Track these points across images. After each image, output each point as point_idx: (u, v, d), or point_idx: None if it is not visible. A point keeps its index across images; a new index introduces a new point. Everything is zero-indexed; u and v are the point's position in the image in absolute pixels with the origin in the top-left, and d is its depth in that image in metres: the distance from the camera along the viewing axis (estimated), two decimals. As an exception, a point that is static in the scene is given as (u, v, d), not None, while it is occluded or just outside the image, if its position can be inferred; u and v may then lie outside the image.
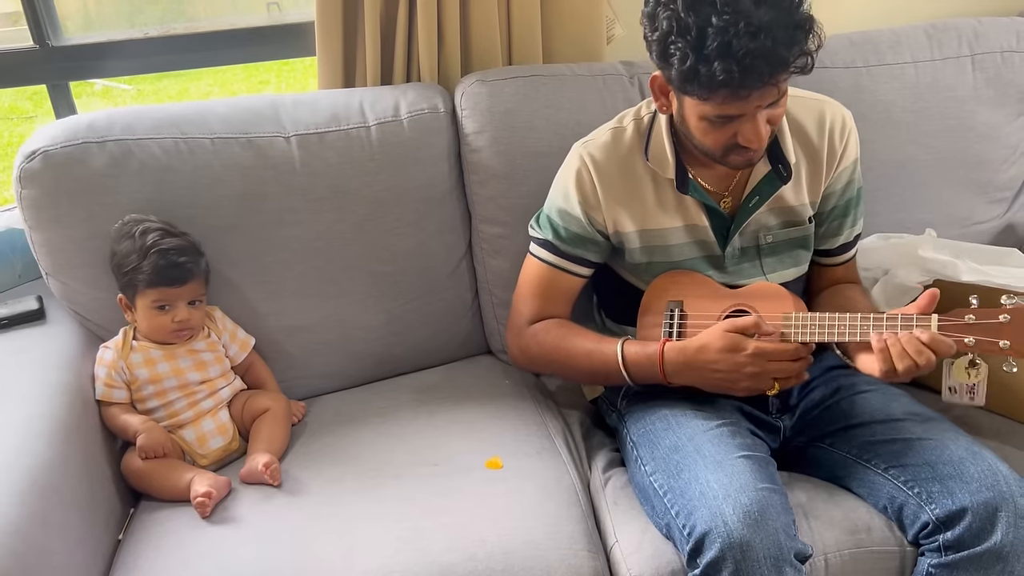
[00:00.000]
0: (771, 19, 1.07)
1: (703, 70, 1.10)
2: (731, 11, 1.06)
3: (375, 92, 1.61)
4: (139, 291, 1.34)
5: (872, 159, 1.67)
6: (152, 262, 1.32)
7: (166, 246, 1.34)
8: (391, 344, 1.62)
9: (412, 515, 1.22)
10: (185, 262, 1.35)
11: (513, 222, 1.58)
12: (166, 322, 1.35)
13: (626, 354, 1.31)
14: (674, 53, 1.12)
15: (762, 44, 1.07)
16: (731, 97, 1.13)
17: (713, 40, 1.07)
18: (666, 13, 1.11)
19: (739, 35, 1.06)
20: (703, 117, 1.19)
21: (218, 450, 1.38)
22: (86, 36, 1.75)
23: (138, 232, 1.34)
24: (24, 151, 1.40)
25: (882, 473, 1.23)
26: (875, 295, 1.48)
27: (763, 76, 1.10)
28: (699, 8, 1.08)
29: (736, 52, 1.07)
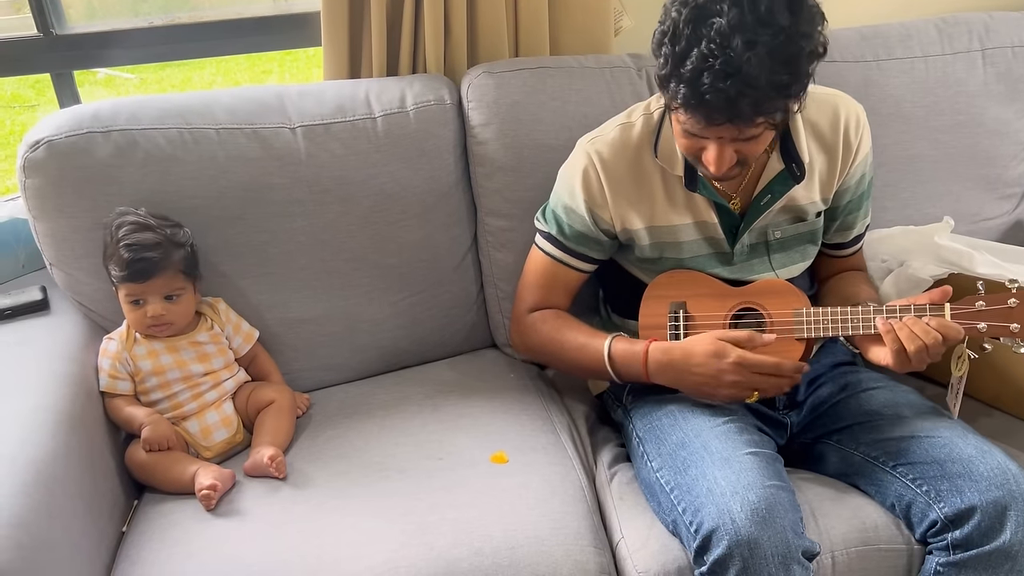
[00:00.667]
0: (754, 71, 1.05)
1: (673, 84, 1.11)
2: (718, 44, 1.05)
3: (381, 83, 1.60)
4: (115, 285, 1.34)
5: (881, 154, 1.67)
6: (119, 256, 1.31)
7: (132, 240, 1.31)
8: (396, 337, 1.61)
9: (417, 509, 1.22)
10: (152, 257, 1.31)
11: (519, 215, 1.57)
12: (140, 316, 1.34)
13: (613, 350, 1.32)
14: (661, 55, 1.13)
15: (728, 90, 1.06)
16: (691, 120, 1.14)
17: (690, 63, 1.07)
18: (673, 14, 1.10)
19: (712, 71, 1.06)
20: (676, 119, 1.19)
21: (222, 442, 1.38)
22: (90, 25, 1.74)
23: (115, 225, 1.33)
24: (28, 140, 1.39)
25: (890, 471, 1.22)
26: (886, 287, 1.47)
27: (720, 118, 1.11)
28: (697, 25, 1.07)
29: (702, 85, 1.07)
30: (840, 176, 1.37)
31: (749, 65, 1.04)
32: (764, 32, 1.05)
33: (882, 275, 1.51)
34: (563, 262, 1.40)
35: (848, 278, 1.47)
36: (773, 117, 1.12)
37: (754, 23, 1.05)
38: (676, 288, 1.35)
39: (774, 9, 1.05)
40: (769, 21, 1.05)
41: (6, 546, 0.99)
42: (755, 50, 1.05)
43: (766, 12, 1.05)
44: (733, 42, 1.04)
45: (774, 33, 1.05)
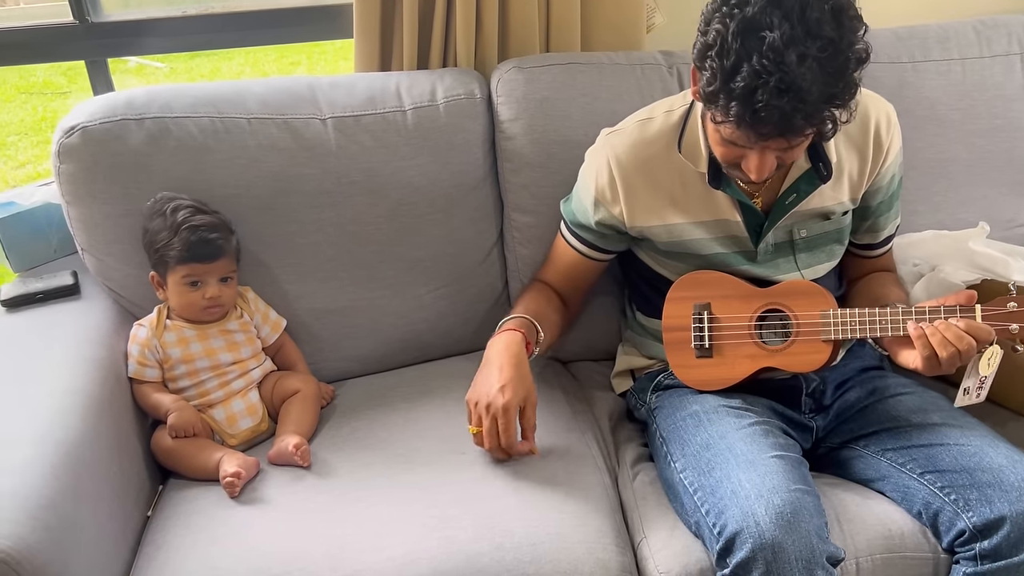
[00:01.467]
0: (808, 85, 1.04)
1: (722, 99, 1.09)
2: (772, 59, 1.03)
3: (412, 76, 1.60)
4: (170, 268, 1.35)
5: (914, 157, 1.64)
6: (183, 238, 1.32)
7: (197, 222, 1.34)
8: (420, 330, 1.61)
9: (440, 502, 1.22)
10: (216, 238, 1.36)
11: (545, 211, 1.56)
12: (197, 299, 1.36)
13: (504, 325, 1.37)
14: (707, 68, 1.10)
15: (783, 106, 1.05)
16: (738, 133, 1.12)
17: (743, 80, 1.05)
18: (717, 25, 1.08)
19: (767, 87, 1.04)
20: (716, 128, 1.17)
21: (247, 430, 1.39)
22: (125, 13, 1.75)
23: (169, 209, 1.35)
24: (63, 126, 1.41)
25: (917, 478, 1.21)
26: (917, 292, 1.45)
27: (773, 133, 1.10)
28: (747, 39, 1.05)
29: (756, 102, 1.05)
30: (871, 177, 1.35)
31: (803, 80, 1.03)
32: (813, 45, 1.04)
33: (913, 279, 1.49)
34: (577, 249, 1.43)
35: (877, 279, 1.45)
36: (824, 127, 1.10)
37: (804, 36, 1.03)
38: (700, 289, 1.34)
39: (821, 20, 1.04)
40: (818, 33, 1.04)
41: (35, 527, 1.00)
42: (807, 64, 1.03)
43: (814, 24, 1.04)
44: (787, 57, 1.03)
45: (823, 46, 1.04)
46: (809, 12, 1.04)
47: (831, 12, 1.05)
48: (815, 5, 1.05)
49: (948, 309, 1.18)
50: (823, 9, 1.05)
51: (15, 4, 5.06)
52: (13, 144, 4.59)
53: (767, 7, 1.05)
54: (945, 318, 1.17)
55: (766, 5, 1.05)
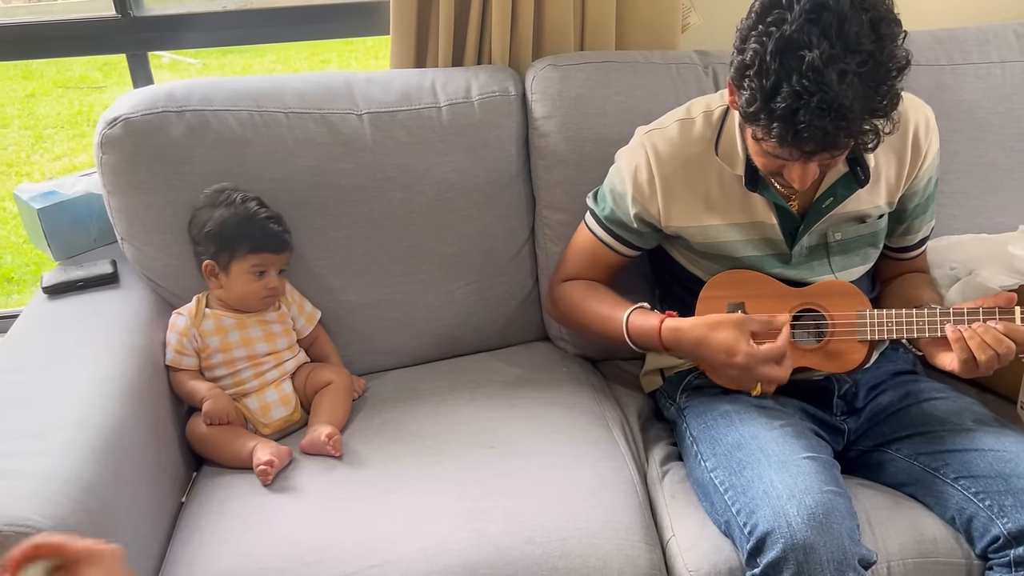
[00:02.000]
0: (850, 102, 1.03)
1: (763, 119, 1.08)
2: (812, 79, 1.03)
3: (447, 73, 1.61)
4: (239, 255, 1.37)
5: (951, 160, 1.63)
6: (259, 227, 1.37)
7: (270, 213, 1.40)
8: (451, 325, 1.62)
9: (470, 495, 1.23)
10: (283, 231, 1.41)
11: (577, 209, 1.56)
12: (259, 288, 1.39)
13: (630, 324, 1.34)
14: (746, 88, 1.10)
15: (826, 125, 1.04)
16: (780, 149, 1.12)
17: (783, 100, 1.05)
18: (755, 44, 1.07)
19: (809, 107, 1.03)
20: (756, 142, 1.17)
21: (280, 420, 1.40)
22: (166, 7, 1.78)
23: (238, 199, 1.38)
24: (106, 117, 1.43)
25: (951, 483, 1.19)
26: (952, 295, 1.44)
27: (816, 150, 1.09)
28: (786, 59, 1.04)
29: (798, 122, 1.05)
30: (908, 180, 1.34)
31: (844, 97, 1.03)
32: (853, 60, 1.03)
33: (949, 282, 1.47)
34: (605, 243, 1.42)
35: (910, 280, 1.45)
36: (867, 139, 1.10)
37: (843, 52, 1.03)
38: (734, 288, 1.34)
39: (860, 34, 1.03)
40: (857, 48, 1.03)
41: (75, 509, 1.02)
42: (847, 80, 1.03)
43: (853, 39, 1.03)
44: (827, 76, 1.02)
45: (863, 60, 1.03)
46: (848, 27, 1.03)
47: (870, 24, 1.04)
48: (853, 19, 1.03)
49: (987, 311, 1.17)
50: (862, 22, 1.04)
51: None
52: (50, 137, 4.67)
53: (805, 25, 1.03)
54: (984, 320, 1.16)
55: (804, 23, 1.04)
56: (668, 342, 1.30)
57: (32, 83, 5.27)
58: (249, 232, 1.37)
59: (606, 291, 1.43)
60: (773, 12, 1.07)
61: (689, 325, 1.28)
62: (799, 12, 1.04)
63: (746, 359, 1.21)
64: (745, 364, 1.21)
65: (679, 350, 1.30)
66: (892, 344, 1.42)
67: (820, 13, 1.03)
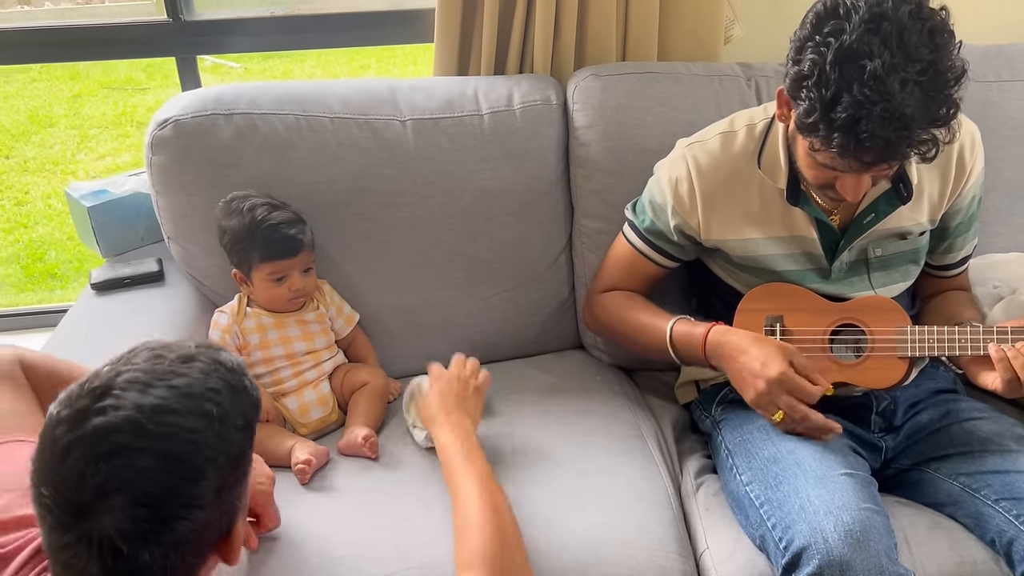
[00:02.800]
0: (912, 111, 1.03)
1: (823, 129, 1.08)
2: (874, 88, 1.02)
3: (490, 81, 1.63)
4: (255, 266, 1.39)
5: (996, 178, 1.61)
6: (265, 237, 1.36)
7: (274, 220, 1.38)
8: (487, 331, 1.63)
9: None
10: (295, 233, 1.39)
11: (616, 218, 1.56)
12: (283, 292, 1.40)
13: (674, 332, 1.33)
14: (804, 99, 1.09)
15: (889, 135, 1.04)
16: (839, 160, 1.11)
17: (845, 110, 1.04)
18: (812, 55, 1.07)
19: (871, 117, 1.03)
20: (810, 154, 1.16)
21: (317, 420, 1.42)
22: (216, 12, 1.82)
23: (246, 208, 1.38)
24: (157, 119, 1.46)
25: (992, 504, 1.18)
26: (995, 314, 1.42)
27: (877, 160, 1.09)
28: (846, 67, 1.04)
29: (861, 132, 1.04)
30: (951, 198, 1.33)
31: (906, 106, 1.03)
32: (913, 69, 1.03)
33: (992, 301, 1.46)
34: (644, 254, 1.43)
35: (951, 298, 1.43)
36: (927, 149, 1.09)
37: (904, 61, 1.03)
38: (773, 301, 1.33)
39: (919, 44, 1.03)
40: (916, 57, 1.03)
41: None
42: (908, 89, 1.03)
43: (913, 48, 1.03)
44: (889, 85, 1.02)
45: (922, 69, 1.03)
46: (907, 36, 1.03)
47: (928, 33, 1.04)
48: (912, 28, 1.04)
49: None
50: (920, 31, 1.04)
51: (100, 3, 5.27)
52: (95, 136, 4.77)
53: (865, 35, 1.04)
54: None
55: (864, 33, 1.04)
56: (712, 347, 1.28)
57: (79, 83, 5.39)
58: (257, 242, 1.37)
59: (646, 302, 1.43)
60: (830, 23, 1.07)
61: (738, 335, 1.27)
62: (858, 22, 1.04)
63: (779, 376, 1.19)
64: (777, 380, 1.19)
65: (718, 359, 1.28)
66: (933, 362, 1.41)
67: (879, 23, 1.04)
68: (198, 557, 0.76)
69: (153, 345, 0.79)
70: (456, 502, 1.12)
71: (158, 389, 0.74)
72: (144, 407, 0.72)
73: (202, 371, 0.77)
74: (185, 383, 0.75)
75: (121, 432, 0.71)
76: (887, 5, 1.05)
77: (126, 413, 0.71)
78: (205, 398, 0.75)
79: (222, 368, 0.79)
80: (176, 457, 0.72)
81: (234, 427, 0.77)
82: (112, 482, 0.70)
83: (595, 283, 1.52)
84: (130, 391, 0.73)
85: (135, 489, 0.70)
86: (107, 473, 0.70)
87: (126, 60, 4.98)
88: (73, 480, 0.70)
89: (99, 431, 0.71)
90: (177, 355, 0.78)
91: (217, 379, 0.77)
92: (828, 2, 1.09)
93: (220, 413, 0.75)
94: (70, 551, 0.72)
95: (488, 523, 1.06)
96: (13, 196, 4.19)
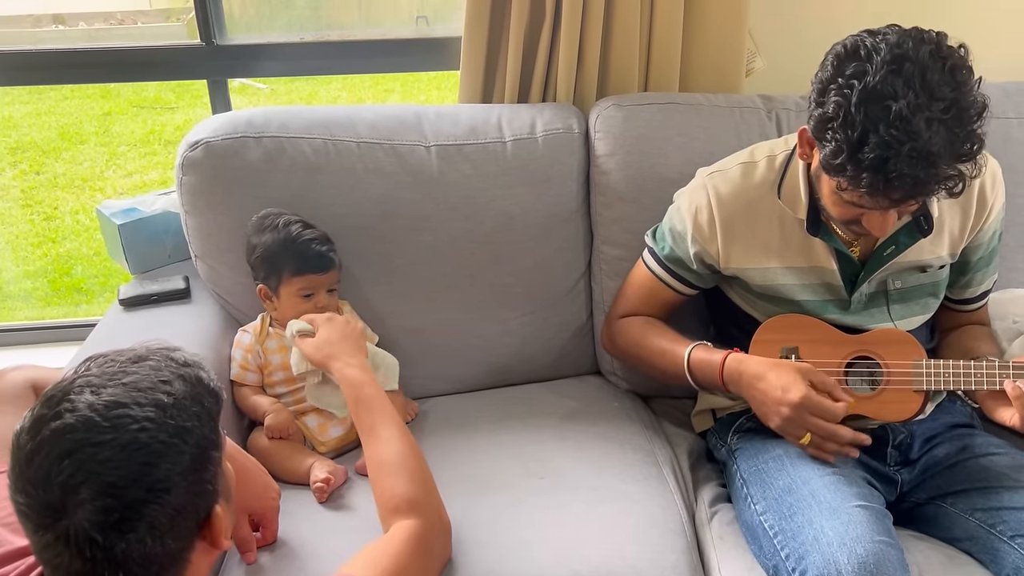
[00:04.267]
0: (938, 149, 1.05)
1: (851, 170, 1.09)
2: (901, 128, 1.04)
3: (513, 109, 1.66)
4: (284, 280, 1.41)
5: (1017, 214, 1.61)
6: (300, 250, 1.40)
7: (309, 236, 1.42)
8: (505, 355, 1.65)
9: (518, 524, 1.24)
10: (328, 250, 1.43)
11: (635, 245, 1.58)
12: (309, 308, 1.42)
13: (692, 357, 1.34)
14: (829, 140, 1.11)
15: (917, 173, 1.05)
16: (867, 198, 1.12)
17: (872, 150, 1.06)
18: (836, 97, 1.09)
19: (899, 156, 1.04)
20: (836, 192, 1.18)
21: (336, 439, 1.44)
22: (247, 37, 1.87)
23: (281, 223, 1.42)
24: (188, 141, 1.50)
25: (1008, 541, 1.17)
26: (1015, 348, 1.42)
27: (905, 197, 1.10)
28: (871, 108, 1.06)
29: (890, 172, 1.06)
30: (972, 232, 1.34)
31: (933, 144, 1.04)
32: (937, 108, 1.05)
33: (1011, 336, 1.46)
34: (663, 281, 1.44)
35: (970, 332, 1.43)
36: (954, 185, 1.10)
37: (928, 100, 1.04)
38: (788, 332, 1.34)
39: (941, 82, 1.05)
40: (939, 95, 1.05)
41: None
42: (934, 127, 1.04)
43: (936, 87, 1.05)
44: (915, 124, 1.04)
45: (946, 107, 1.05)
46: (929, 75, 1.05)
47: (949, 71, 1.06)
48: (933, 67, 1.05)
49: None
50: (941, 70, 1.06)
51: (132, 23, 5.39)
52: (123, 154, 4.86)
53: (888, 76, 1.05)
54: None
55: (887, 74, 1.05)
56: (729, 374, 1.29)
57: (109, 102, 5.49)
58: (291, 255, 1.40)
59: (665, 327, 1.45)
60: (852, 64, 1.08)
61: (755, 361, 1.28)
62: (880, 63, 1.06)
63: (802, 400, 1.19)
64: (800, 403, 1.19)
65: (736, 386, 1.29)
66: (949, 396, 1.41)
67: (901, 64, 1.05)
68: (179, 541, 0.80)
69: (107, 352, 0.84)
70: (377, 442, 1.17)
71: (110, 388, 0.79)
72: (97, 405, 0.77)
73: (153, 367, 0.82)
74: (135, 379, 0.80)
75: (78, 430, 0.76)
76: (908, 45, 1.06)
77: (81, 413, 0.76)
78: (157, 390, 0.80)
79: (174, 363, 0.84)
80: (133, 445, 0.76)
81: (191, 413, 0.81)
82: (76, 477, 0.74)
83: (614, 308, 1.54)
84: (84, 394, 0.78)
85: (99, 480, 0.75)
86: (71, 470, 0.75)
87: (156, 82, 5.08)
88: (41, 482, 0.75)
89: (58, 432, 0.76)
90: (128, 357, 0.83)
91: (169, 373, 0.82)
92: (848, 44, 1.11)
93: (172, 401, 0.80)
94: (52, 551, 0.76)
95: (416, 469, 1.14)
96: (43, 211, 4.27)
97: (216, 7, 1.80)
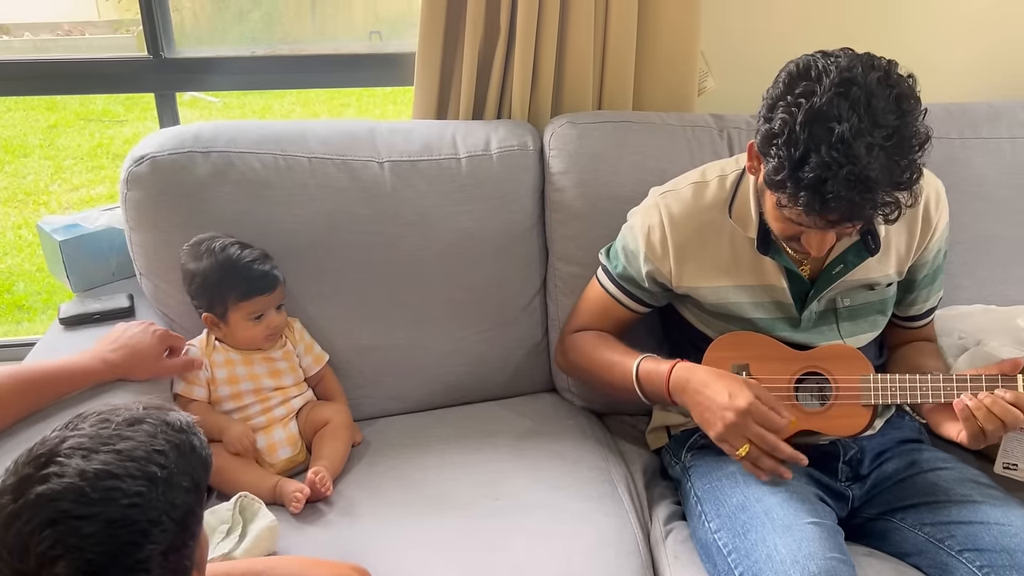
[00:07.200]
0: (876, 175, 1.06)
1: (790, 187, 1.11)
2: (841, 151, 1.05)
3: (468, 125, 1.65)
4: (231, 306, 1.38)
5: (960, 233, 1.65)
6: (244, 274, 1.36)
7: (250, 257, 1.38)
8: (460, 373, 1.63)
9: (473, 546, 1.23)
10: (271, 268, 1.40)
11: (589, 262, 1.58)
12: (261, 330, 1.40)
13: (640, 369, 1.34)
14: (773, 156, 1.12)
15: (853, 196, 1.07)
16: (804, 216, 1.14)
17: (812, 170, 1.07)
18: (783, 114, 1.10)
19: (837, 178, 1.06)
20: (777, 207, 1.19)
21: (285, 460, 1.41)
22: (197, 51, 1.83)
23: (217, 247, 1.38)
24: (133, 155, 1.46)
25: (956, 555, 1.19)
26: (960, 364, 1.45)
27: (841, 220, 1.12)
28: (815, 128, 1.07)
29: (827, 193, 1.07)
30: (917, 251, 1.36)
31: (871, 170, 1.05)
32: (879, 134, 1.06)
33: (957, 352, 1.49)
34: (616, 299, 1.44)
35: (917, 348, 1.46)
36: (890, 212, 1.12)
37: (871, 126, 1.06)
38: (739, 349, 1.35)
39: (886, 109, 1.07)
40: (883, 122, 1.06)
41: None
42: (874, 153, 1.06)
43: (880, 114, 1.06)
44: (856, 149, 1.05)
45: (888, 134, 1.06)
46: (875, 102, 1.06)
47: (895, 100, 1.08)
48: (880, 94, 1.07)
49: (989, 378, 1.18)
50: (888, 98, 1.07)
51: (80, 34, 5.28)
52: (69, 168, 4.74)
53: (834, 98, 1.07)
54: (986, 387, 1.17)
55: (833, 96, 1.07)
56: (676, 381, 1.29)
57: (55, 114, 5.36)
58: (235, 280, 1.36)
59: (616, 341, 1.45)
60: (802, 84, 1.10)
61: (702, 370, 1.28)
62: (828, 85, 1.07)
63: (748, 405, 1.19)
64: (747, 409, 1.19)
65: (681, 393, 1.28)
66: (898, 412, 1.43)
67: (849, 88, 1.07)
68: None
69: (101, 409, 0.79)
70: None
71: (102, 455, 0.74)
72: (87, 473, 0.72)
73: (148, 433, 0.77)
74: (130, 447, 0.75)
75: (64, 499, 0.71)
76: (857, 71, 1.08)
77: (69, 480, 0.72)
78: (150, 460, 0.75)
79: (170, 429, 0.79)
80: (119, 522, 0.72)
81: (181, 488, 0.77)
82: (55, 549, 0.70)
83: (568, 324, 1.54)
84: (74, 457, 0.73)
85: (79, 557, 0.70)
86: (51, 541, 0.70)
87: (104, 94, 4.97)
88: (18, 549, 0.71)
89: (42, 498, 0.71)
90: (124, 418, 0.78)
91: (164, 440, 0.77)
92: (800, 63, 1.13)
93: (165, 475, 0.75)
94: None
95: None
96: (-18, 226, 4.14)
97: (164, 20, 1.77)
